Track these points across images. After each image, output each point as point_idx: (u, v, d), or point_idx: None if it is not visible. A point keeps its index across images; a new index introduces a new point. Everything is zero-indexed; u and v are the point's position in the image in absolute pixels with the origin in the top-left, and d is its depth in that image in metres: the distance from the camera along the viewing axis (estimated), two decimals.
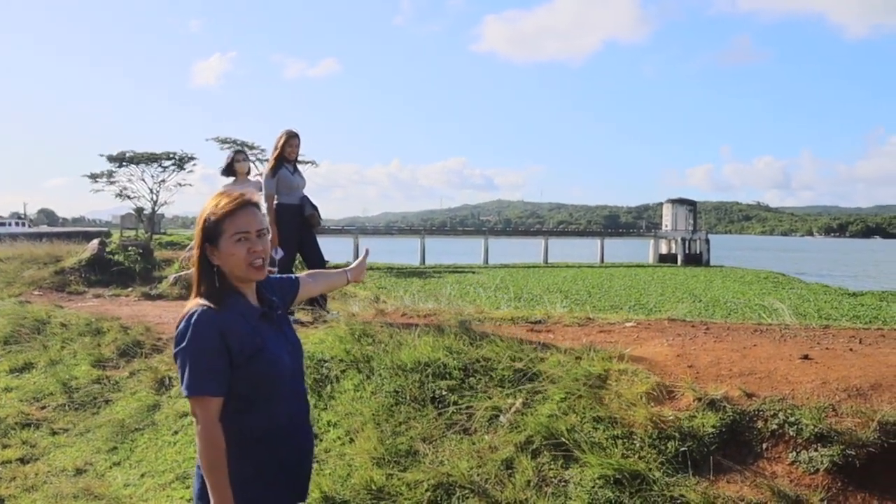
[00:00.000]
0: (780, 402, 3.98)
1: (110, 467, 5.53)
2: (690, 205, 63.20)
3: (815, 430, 3.71)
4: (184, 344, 2.22)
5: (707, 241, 59.12)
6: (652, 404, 4.19)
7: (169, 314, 9.41)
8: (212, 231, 2.32)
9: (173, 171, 51.40)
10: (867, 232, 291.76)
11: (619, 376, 4.51)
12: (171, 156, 50.77)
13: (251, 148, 48.94)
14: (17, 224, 72.59)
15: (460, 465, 4.13)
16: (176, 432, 5.75)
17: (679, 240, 58.20)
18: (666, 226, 62.03)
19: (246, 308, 2.34)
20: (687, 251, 57.46)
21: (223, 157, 8.57)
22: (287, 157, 7.34)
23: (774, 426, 3.84)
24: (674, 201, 63.06)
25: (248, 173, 8.58)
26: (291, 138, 7.34)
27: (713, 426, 3.90)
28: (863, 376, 4.20)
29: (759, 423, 3.90)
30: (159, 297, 12.07)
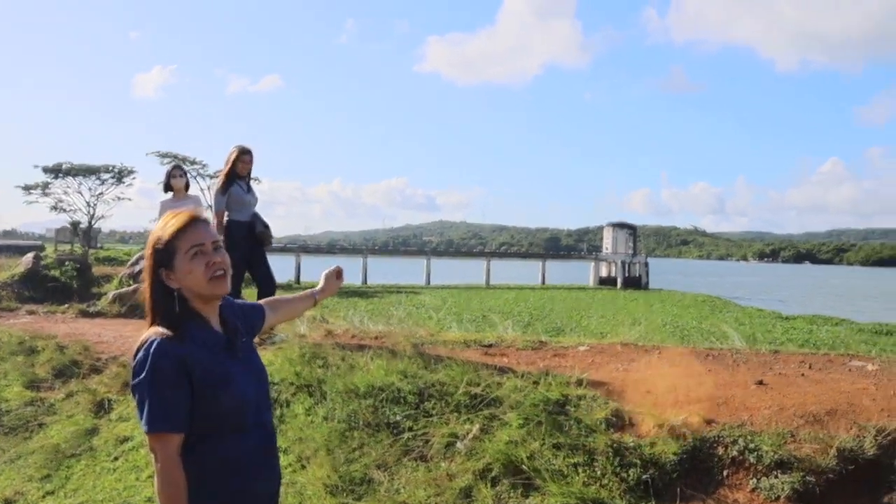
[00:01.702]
0: (740, 429, 3.98)
1: (43, 497, 5.22)
2: (631, 229, 64.10)
3: (775, 456, 3.71)
4: (142, 376, 2.06)
5: (646, 264, 60.00)
6: (612, 431, 4.15)
7: (109, 332, 9.06)
8: (164, 253, 2.18)
9: (112, 184, 50.30)
10: (798, 257, 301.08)
11: (577, 402, 4.47)
12: (110, 169, 49.65)
13: (192, 163, 48.10)
14: None
15: (417, 494, 4.02)
16: (116, 458, 5.48)
17: (619, 263, 58.92)
18: (606, 249, 62.73)
19: (208, 335, 2.21)
20: (626, 274, 58.19)
21: (163, 171, 8.37)
22: (239, 172, 7.14)
23: (735, 453, 3.83)
24: (614, 225, 63.86)
25: (187, 188, 8.39)
26: (243, 154, 7.13)
27: (674, 453, 3.87)
28: (818, 402, 4.23)
29: (720, 450, 3.89)
30: (98, 314, 11.64)
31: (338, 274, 3.00)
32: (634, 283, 57.17)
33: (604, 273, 60.05)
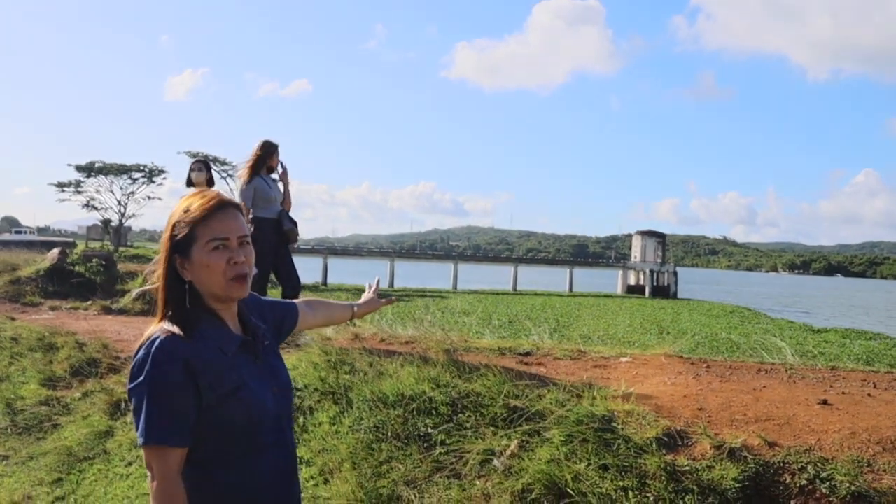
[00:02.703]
0: (807, 454, 3.60)
1: (53, 502, 4.97)
2: (659, 237, 63.28)
3: (852, 488, 3.32)
4: (141, 378, 1.75)
5: (675, 273, 59.20)
6: (664, 451, 3.78)
7: (130, 330, 8.84)
8: (182, 239, 1.85)
9: (143, 183, 50.75)
10: (829, 270, 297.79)
11: (625, 418, 4.10)
12: (142, 168, 50.07)
13: (223, 164, 48.24)
14: (29, 232, 71.00)
15: None
16: (130, 463, 5.21)
17: (647, 271, 58.18)
18: (635, 257, 61.98)
19: (223, 336, 1.88)
20: (655, 283, 57.46)
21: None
22: (271, 166, 6.85)
23: (804, 481, 3.45)
24: (643, 233, 63.09)
25: (210, 185, 8.05)
26: (272, 146, 6.86)
27: (734, 479, 3.49)
28: (894, 427, 3.84)
29: (786, 478, 3.50)
30: (121, 311, 11.46)
31: (384, 297, 2.77)
32: (663, 291, 56.45)
33: (632, 281, 59.34)
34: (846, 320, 38.57)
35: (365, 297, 2.70)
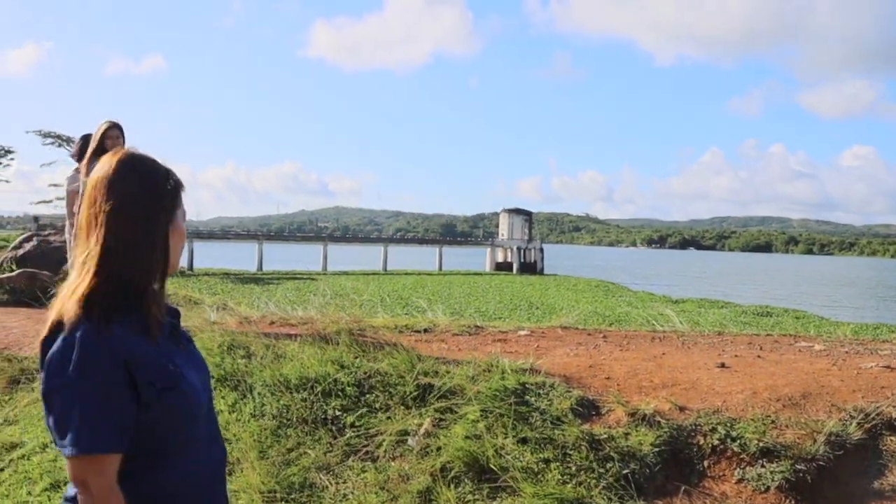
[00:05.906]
0: (716, 415, 3.71)
1: None
2: (526, 215, 64.69)
3: (760, 444, 3.45)
4: (67, 377, 1.46)
5: (541, 250, 60.73)
6: (580, 421, 3.81)
7: None
8: (173, 201, 1.62)
9: None
10: (684, 243, 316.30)
11: (537, 391, 4.10)
12: None
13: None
14: None
15: (368, 499, 3.56)
16: (1, 469, 4.76)
17: (515, 249, 59.42)
18: (502, 235, 63.15)
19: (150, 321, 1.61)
20: (522, 260, 58.77)
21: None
22: (107, 150, 6.30)
23: (715, 441, 3.55)
24: (510, 211, 64.30)
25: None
26: (110, 129, 6.30)
27: (652, 444, 3.56)
28: (788, 385, 4.02)
29: (699, 439, 3.60)
30: None
31: None
32: (530, 268, 57.82)
33: (500, 258, 60.47)
34: (699, 291, 40.93)
35: None
